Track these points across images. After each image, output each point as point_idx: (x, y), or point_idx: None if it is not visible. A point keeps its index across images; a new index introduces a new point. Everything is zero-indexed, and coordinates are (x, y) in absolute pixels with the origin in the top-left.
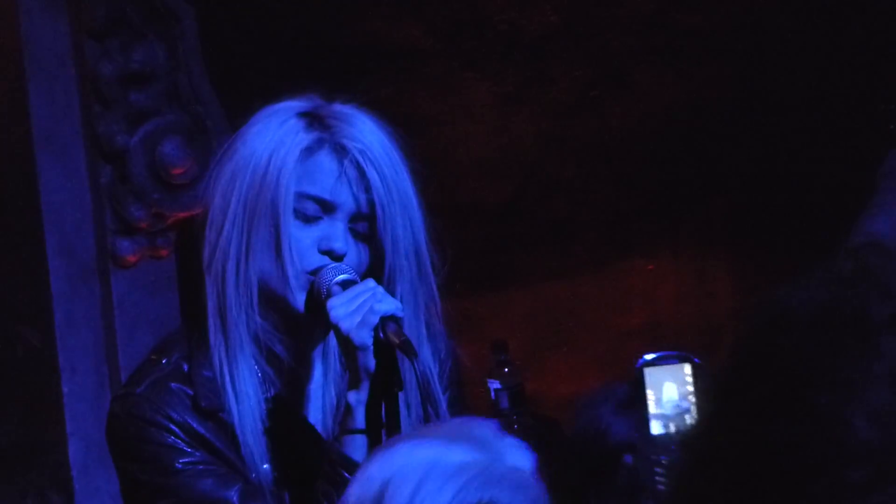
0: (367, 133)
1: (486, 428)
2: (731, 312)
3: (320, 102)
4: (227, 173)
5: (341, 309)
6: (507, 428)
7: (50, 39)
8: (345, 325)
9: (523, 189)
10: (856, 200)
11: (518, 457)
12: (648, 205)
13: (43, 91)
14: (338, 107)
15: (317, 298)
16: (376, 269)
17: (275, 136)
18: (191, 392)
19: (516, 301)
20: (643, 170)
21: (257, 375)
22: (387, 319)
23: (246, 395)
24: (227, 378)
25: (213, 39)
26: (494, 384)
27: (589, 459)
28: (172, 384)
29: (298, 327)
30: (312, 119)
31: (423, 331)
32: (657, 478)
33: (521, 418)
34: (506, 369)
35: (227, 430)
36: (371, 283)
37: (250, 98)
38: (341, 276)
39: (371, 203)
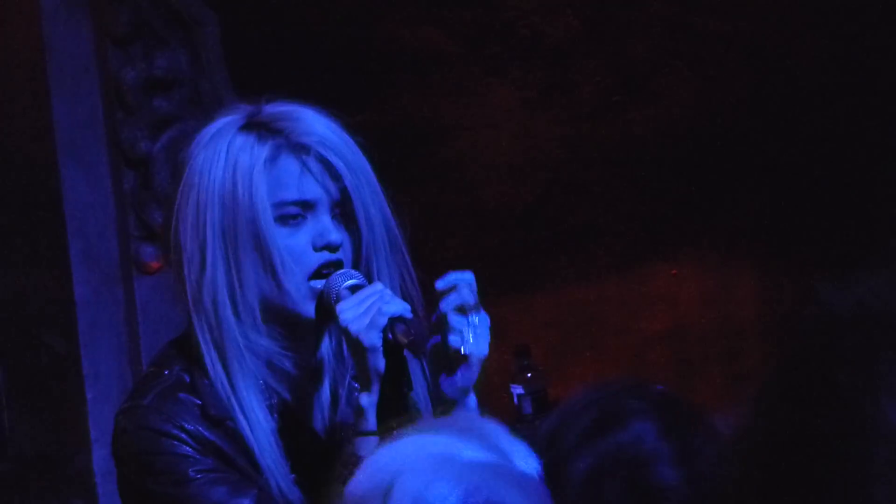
0: (317, 125)
1: (496, 428)
2: (755, 316)
3: (252, 110)
4: (192, 209)
5: (350, 312)
6: (531, 434)
7: (73, 46)
8: (354, 328)
9: (546, 194)
10: (880, 203)
11: (526, 461)
12: (671, 209)
13: (66, 98)
14: (273, 108)
15: (326, 304)
16: (353, 249)
17: (229, 158)
18: (198, 401)
19: (539, 306)
20: (666, 174)
21: (262, 386)
22: (395, 320)
23: (252, 409)
24: (233, 400)
25: (235, 46)
26: (518, 389)
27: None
28: (180, 394)
29: (305, 336)
30: (258, 128)
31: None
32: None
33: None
34: (529, 374)
35: (237, 437)
36: (378, 285)
37: None
38: (350, 282)
39: (341, 189)
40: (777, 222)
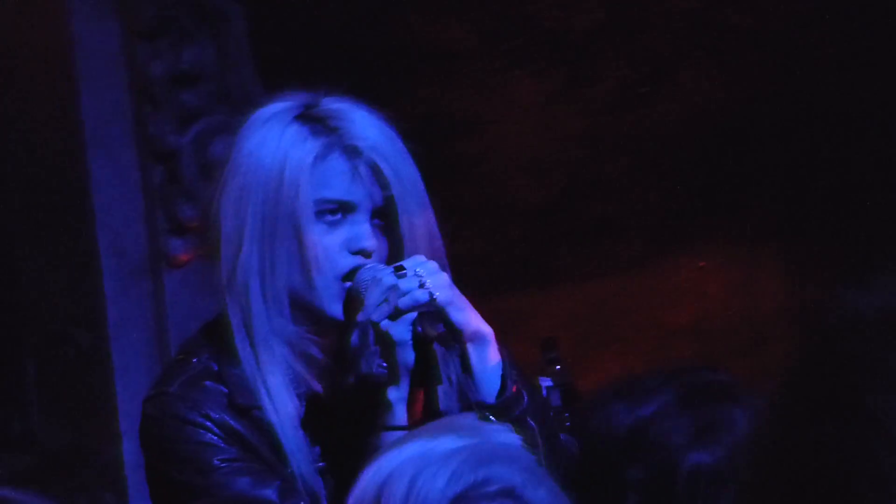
0: (372, 129)
1: (468, 418)
2: (780, 309)
3: (311, 100)
4: (237, 189)
5: (379, 306)
6: (560, 425)
7: (100, 40)
8: (383, 322)
9: (569, 187)
10: None
11: (505, 435)
12: (695, 202)
13: (93, 92)
14: (333, 104)
15: (355, 298)
16: (394, 259)
17: (280, 146)
18: (225, 390)
19: (564, 299)
20: (690, 167)
21: (290, 376)
22: (424, 314)
23: (280, 395)
24: (261, 385)
25: (262, 40)
26: (546, 381)
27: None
28: (207, 382)
29: (334, 328)
30: (314, 122)
31: None
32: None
33: (573, 416)
34: (557, 367)
35: (263, 427)
36: (407, 279)
37: None
38: (379, 275)
39: (386, 197)
40: (802, 215)
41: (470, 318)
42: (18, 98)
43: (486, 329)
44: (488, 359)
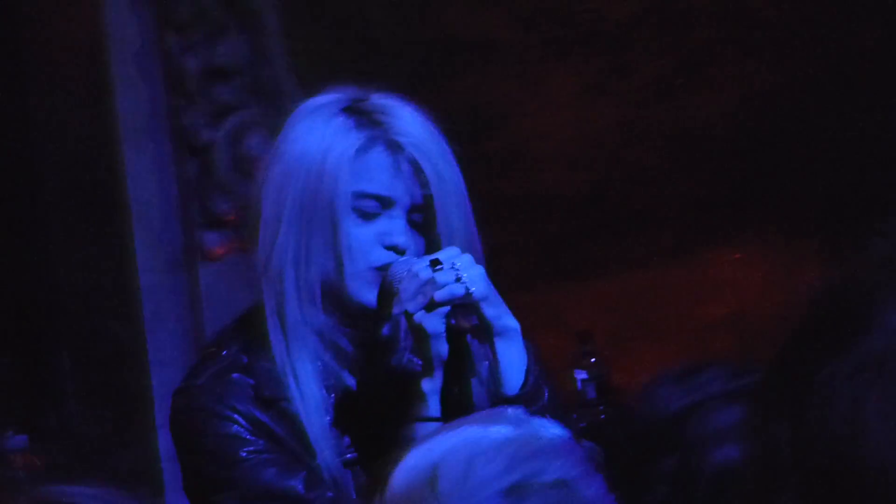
0: (417, 126)
1: (515, 410)
2: (820, 294)
3: (360, 95)
4: (278, 175)
5: (413, 298)
6: (594, 418)
7: (134, 34)
8: (417, 314)
9: (606, 179)
10: None
11: (554, 429)
12: (733, 193)
13: (128, 86)
14: (380, 99)
15: (388, 290)
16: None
17: (324, 136)
18: (252, 381)
19: (600, 291)
20: (727, 158)
21: (319, 367)
22: (458, 306)
23: (309, 386)
24: (290, 374)
25: (295, 33)
26: (581, 374)
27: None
28: (234, 374)
29: (365, 319)
30: (360, 115)
31: None
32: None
33: (608, 408)
34: (592, 359)
35: (289, 419)
36: (441, 272)
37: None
38: (414, 268)
39: (425, 196)
40: (839, 205)
41: (501, 314)
42: (53, 93)
43: (515, 324)
44: (514, 354)
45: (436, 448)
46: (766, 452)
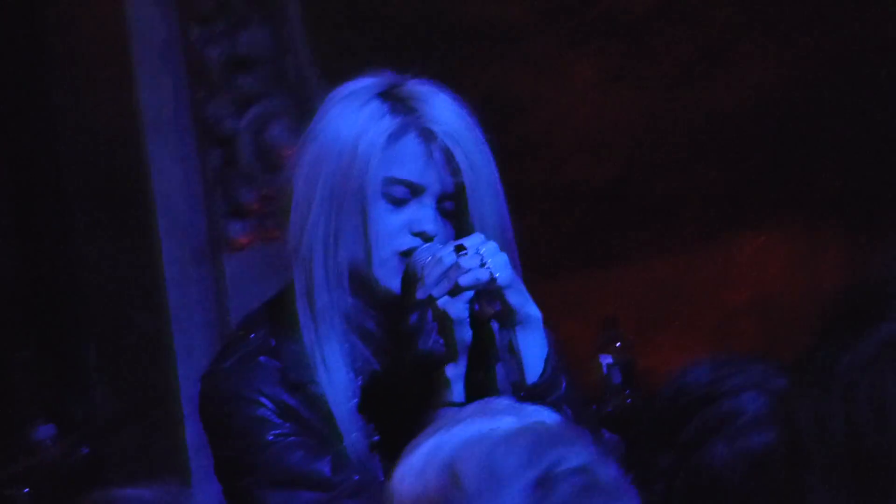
0: (451, 114)
1: (506, 400)
2: (842, 285)
3: (396, 80)
4: (311, 158)
5: (437, 284)
6: (620, 403)
7: (157, 25)
8: (441, 300)
9: (628, 166)
10: None
11: (550, 415)
12: (756, 179)
13: (151, 76)
14: (416, 86)
15: (413, 276)
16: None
17: (358, 120)
18: (279, 365)
19: (624, 279)
20: (749, 143)
21: (347, 350)
22: (482, 292)
23: (337, 368)
24: (318, 357)
25: (317, 22)
26: (607, 359)
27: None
28: (261, 357)
29: (391, 304)
30: (394, 101)
31: None
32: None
33: (633, 393)
34: (617, 344)
35: (316, 402)
36: (466, 257)
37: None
38: (438, 255)
39: (457, 184)
40: (863, 190)
41: (524, 302)
42: (77, 85)
43: (537, 314)
44: (535, 342)
45: (445, 446)
46: (793, 438)
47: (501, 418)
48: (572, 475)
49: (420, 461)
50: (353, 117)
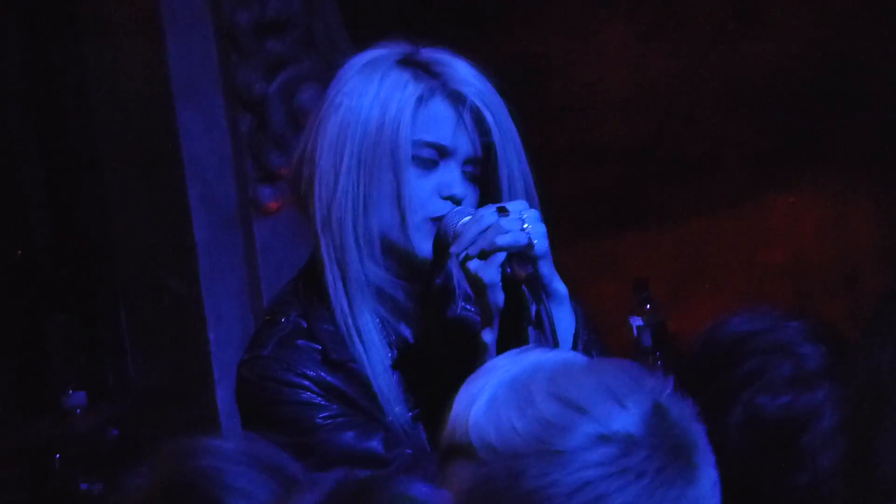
0: (475, 77)
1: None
2: (874, 246)
3: (411, 48)
4: (334, 129)
5: (469, 248)
6: (650, 365)
7: None
8: (473, 265)
9: (661, 128)
10: None
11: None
12: (788, 140)
13: (180, 42)
14: (433, 52)
15: (443, 242)
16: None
17: (382, 88)
18: (318, 346)
19: (657, 240)
20: (782, 104)
21: (378, 322)
22: (514, 255)
23: (372, 342)
24: (353, 329)
25: None
26: (637, 321)
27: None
28: (299, 341)
29: (421, 272)
30: (415, 67)
31: None
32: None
33: (664, 354)
34: (648, 306)
35: (358, 379)
36: (494, 220)
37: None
38: (466, 219)
39: (485, 145)
40: (894, 150)
41: (554, 277)
42: (106, 50)
43: (564, 290)
44: (562, 317)
45: (537, 373)
46: (870, 379)
47: (553, 355)
48: (675, 402)
49: (514, 392)
50: (376, 86)
